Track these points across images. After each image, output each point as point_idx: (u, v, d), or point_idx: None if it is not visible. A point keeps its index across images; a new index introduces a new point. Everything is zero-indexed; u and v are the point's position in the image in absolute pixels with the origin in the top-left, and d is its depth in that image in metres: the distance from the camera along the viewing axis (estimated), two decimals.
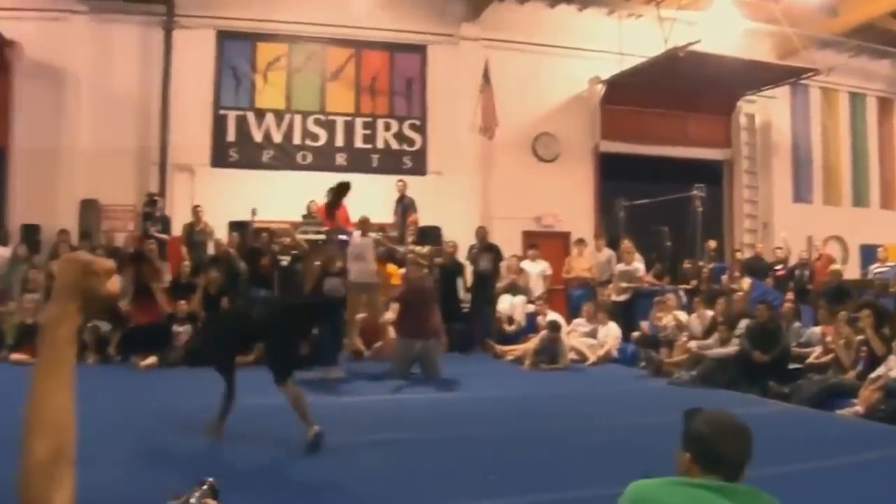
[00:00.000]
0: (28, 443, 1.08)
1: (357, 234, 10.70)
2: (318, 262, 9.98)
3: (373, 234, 11.09)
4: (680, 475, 2.07)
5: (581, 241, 13.39)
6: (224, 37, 13.15)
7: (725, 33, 14.23)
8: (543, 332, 10.49)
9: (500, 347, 11.44)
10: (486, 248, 12.54)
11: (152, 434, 5.67)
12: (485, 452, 5.35)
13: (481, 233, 12.66)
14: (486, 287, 12.40)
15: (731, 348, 8.92)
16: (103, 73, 12.88)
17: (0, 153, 12.79)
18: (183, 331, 10.53)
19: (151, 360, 10.15)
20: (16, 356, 10.31)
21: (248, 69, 13.19)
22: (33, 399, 1.11)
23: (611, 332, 11.18)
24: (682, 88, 14.46)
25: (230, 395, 5.62)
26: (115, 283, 1.21)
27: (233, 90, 13.17)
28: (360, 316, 10.41)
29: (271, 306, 6.56)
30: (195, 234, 12.21)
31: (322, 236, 11.71)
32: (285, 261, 11.73)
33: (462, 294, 12.60)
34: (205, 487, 1.60)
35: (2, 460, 1.49)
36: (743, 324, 9.11)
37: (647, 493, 2.00)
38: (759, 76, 14.82)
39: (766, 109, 15.75)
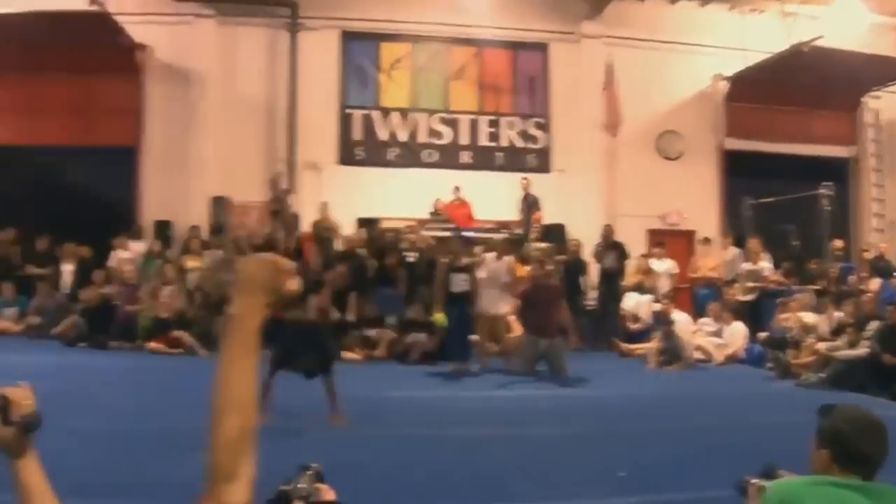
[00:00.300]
0: (218, 421, 1.18)
1: (491, 256, 10.47)
2: (444, 259, 9.90)
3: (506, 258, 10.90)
4: (816, 473, 2.00)
5: (707, 240, 13.09)
6: (348, 37, 13.27)
7: (850, 27, 13.82)
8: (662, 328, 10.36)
9: (625, 345, 11.26)
10: (611, 246, 12.30)
11: (276, 420, 5.68)
12: (612, 449, 5.38)
13: (606, 231, 12.41)
14: (611, 285, 12.18)
15: (861, 350, 8.65)
16: (231, 74, 13.17)
17: (133, 152, 13.15)
18: None
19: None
20: (153, 345, 10.61)
21: (373, 69, 13.31)
22: (222, 382, 1.21)
23: (737, 332, 10.94)
24: (806, 84, 14.06)
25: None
26: (295, 283, 1.31)
27: (358, 89, 13.31)
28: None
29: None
30: (322, 230, 12.22)
31: (447, 233, 11.65)
32: (412, 257, 11.68)
33: (587, 292, 12.36)
34: (310, 472, 1.63)
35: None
36: (873, 326, 8.84)
37: (794, 493, 1.93)
38: (886, 71, 14.33)
39: (893, 106, 15.21)
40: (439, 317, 9.56)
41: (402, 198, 12.74)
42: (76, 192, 13.03)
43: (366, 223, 12.40)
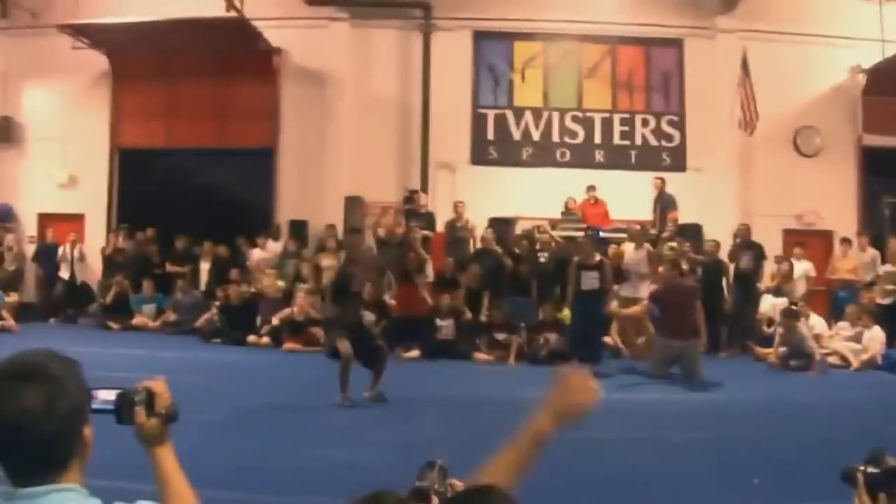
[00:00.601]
0: None
1: (630, 246, 10.33)
2: (575, 258, 9.81)
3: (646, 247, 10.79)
4: None
5: (846, 241, 12.65)
6: (481, 37, 13.29)
7: None
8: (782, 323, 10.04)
9: (759, 349, 10.88)
10: (746, 246, 11.99)
11: (411, 420, 5.87)
12: (745, 455, 5.26)
13: (743, 230, 12.12)
14: (747, 286, 11.83)
15: None
16: (365, 75, 13.33)
17: (270, 153, 13.45)
18: (445, 325, 10.53)
19: (414, 352, 10.31)
20: (288, 345, 10.73)
21: (506, 68, 13.30)
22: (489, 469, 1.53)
23: (875, 337, 10.48)
24: None
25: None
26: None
27: (491, 89, 13.32)
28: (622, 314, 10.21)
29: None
30: (457, 230, 12.32)
31: (580, 233, 11.54)
32: (543, 257, 11.55)
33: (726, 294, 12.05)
34: (437, 469, 1.71)
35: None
36: None
37: None
38: None
39: None
40: (565, 314, 9.49)
41: (534, 197, 12.67)
42: (215, 193, 13.42)
43: (498, 223, 12.35)
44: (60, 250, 13.29)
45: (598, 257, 9.62)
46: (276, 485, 4.41)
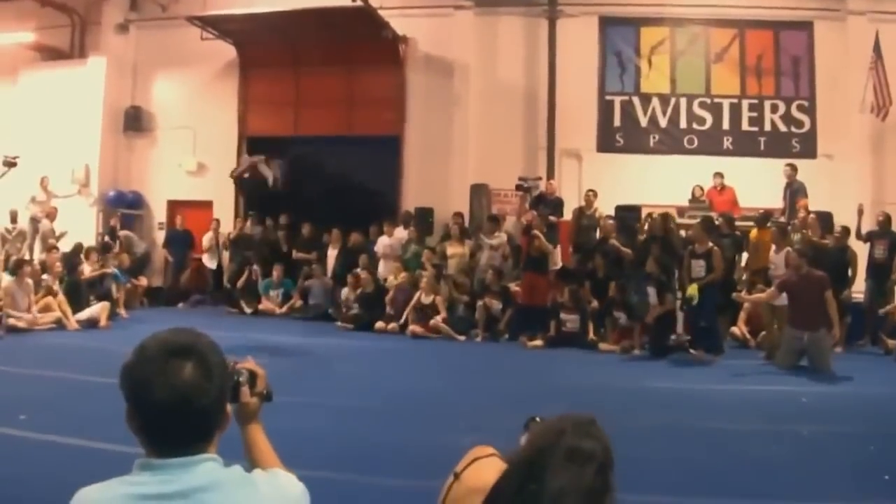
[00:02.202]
0: None
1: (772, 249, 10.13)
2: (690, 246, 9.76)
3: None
4: None
5: None
6: (607, 23, 13.23)
7: None
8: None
9: (891, 342, 10.57)
10: (882, 235, 11.71)
11: (540, 408, 5.78)
12: (876, 450, 5.12)
13: (882, 218, 11.84)
14: (880, 277, 11.56)
15: None
16: (490, 63, 13.38)
17: (396, 141, 13.61)
18: (570, 319, 10.49)
19: (538, 341, 10.32)
20: (414, 328, 10.99)
21: (633, 54, 13.21)
22: None
23: None
24: None
25: None
26: None
27: (617, 76, 13.26)
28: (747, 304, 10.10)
29: None
30: (585, 217, 12.19)
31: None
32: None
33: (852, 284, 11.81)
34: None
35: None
36: None
37: None
38: None
39: None
40: (692, 290, 9.26)
41: (661, 185, 12.55)
42: (341, 181, 13.68)
43: (624, 211, 12.28)
44: (207, 237, 13.67)
45: (709, 245, 9.48)
46: (406, 469, 4.46)
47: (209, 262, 13.77)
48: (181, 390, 1.33)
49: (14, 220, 13.14)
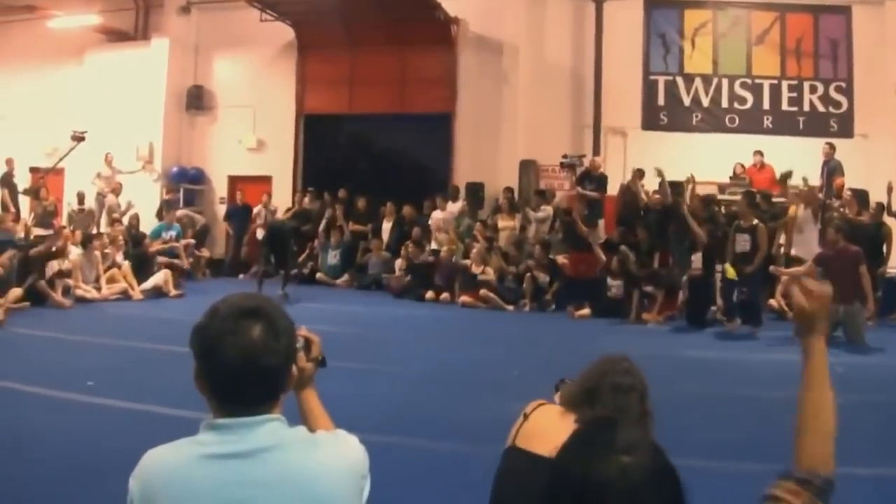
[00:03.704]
0: (810, 442, 1.48)
1: (800, 207, 10.48)
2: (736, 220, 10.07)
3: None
4: None
5: None
6: (652, 5, 13.68)
7: None
8: None
9: None
10: None
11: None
12: None
13: None
14: None
15: None
16: (539, 44, 13.77)
17: (448, 118, 14.10)
18: (615, 284, 10.89)
19: (585, 311, 10.74)
20: (464, 298, 11.47)
21: (677, 36, 13.63)
22: (808, 404, 1.52)
23: None
24: None
25: None
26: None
27: (661, 56, 13.67)
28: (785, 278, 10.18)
29: None
30: (628, 194, 12.69)
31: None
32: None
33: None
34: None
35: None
36: None
37: None
38: None
39: None
40: (730, 271, 9.64)
41: (704, 162, 12.86)
42: (394, 157, 14.18)
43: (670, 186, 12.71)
44: (255, 210, 14.25)
45: (754, 221, 9.77)
46: (456, 434, 4.63)
47: (259, 235, 14.29)
48: (250, 349, 1.34)
49: (81, 201, 13.61)
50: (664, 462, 1.16)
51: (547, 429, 1.97)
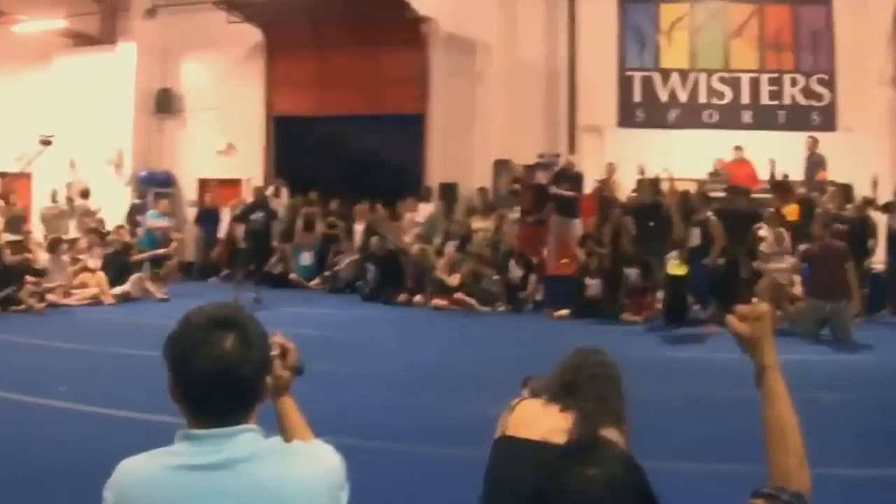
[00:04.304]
0: (777, 459, 1.52)
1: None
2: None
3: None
4: None
5: None
6: (626, 0, 13.35)
7: None
8: None
9: None
10: None
11: None
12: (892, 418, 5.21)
13: None
14: None
15: None
16: (511, 41, 13.50)
17: (420, 118, 13.82)
18: (592, 283, 10.62)
19: (564, 311, 10.42)
20: (437, 302, 11.15)
21: (652, 30, 13.33)
22: (770, 423, 1.56)
23: None
24: None
25: None
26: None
27: (637, 51, 13.37)
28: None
29: None
30: (606, 192, 12.36)
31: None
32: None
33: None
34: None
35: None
36: None
37: None
38: None
39: None
40: (674, 268, 9.45)
41: (682, 159, 12.43)
42: (366, 158, 14.04)
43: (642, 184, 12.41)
44: (224, 213, 13.98)
45: (708, 213, 9.48)
46: (435, 437, 4.61)
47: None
48: (223, 360, 1.35)
49: (54, 199, 13.50)
50: (635, 477, 1.22)
51: (534, 417, 2.15)
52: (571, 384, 2.20)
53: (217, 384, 1.35)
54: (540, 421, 2.07)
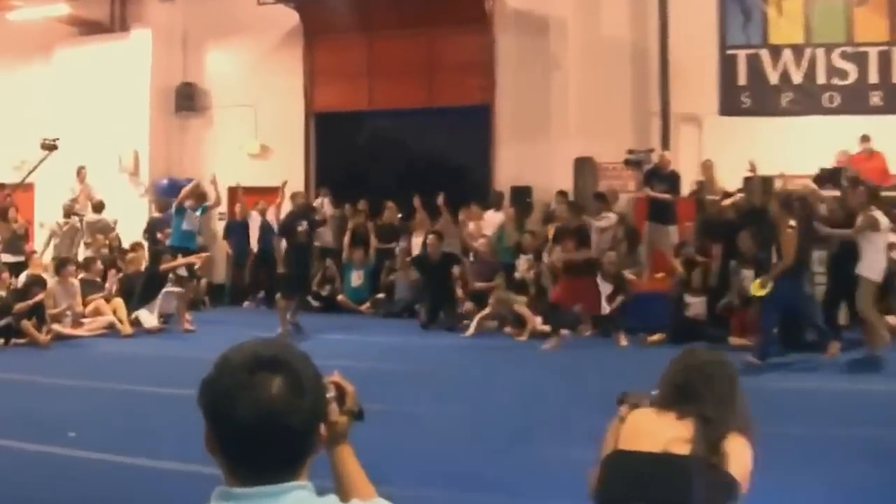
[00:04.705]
0: None
1: None
2: None
3: None
4: None
5: None
6: None
7: None
8: None
9: None
10: None
11: None
12: None
13: None
14: None
15: None
16: (592, 18, 12.04)
17: (485, 111, 12.64)
18: (695, 302, 9.42)
19: (658, 335, 9.28)
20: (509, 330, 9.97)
21: (759, 0, 11.76)
22: None
23: None
24: None
25: None
26: None
27: (740, 26, 11.81)
28: None
29: None
30: (704, 192, 10.93)
31: None
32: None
33: None
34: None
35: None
36: None
37: None
38: None
39: None
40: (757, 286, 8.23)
41: (797, 152, 11.14)
42: (424, 159, 12.78)
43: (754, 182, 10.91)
44: (252, 218, 12.74)
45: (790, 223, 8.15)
46: (510, 487, 4.24)
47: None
48: (268, 407, 1.18)
49: (67, 215, 12.39)
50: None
51: (650, 427, 2.13)
52: (685, 387, 2.17)
53: (261, 436, 1.19)
54: (657, 431, 2.08)
